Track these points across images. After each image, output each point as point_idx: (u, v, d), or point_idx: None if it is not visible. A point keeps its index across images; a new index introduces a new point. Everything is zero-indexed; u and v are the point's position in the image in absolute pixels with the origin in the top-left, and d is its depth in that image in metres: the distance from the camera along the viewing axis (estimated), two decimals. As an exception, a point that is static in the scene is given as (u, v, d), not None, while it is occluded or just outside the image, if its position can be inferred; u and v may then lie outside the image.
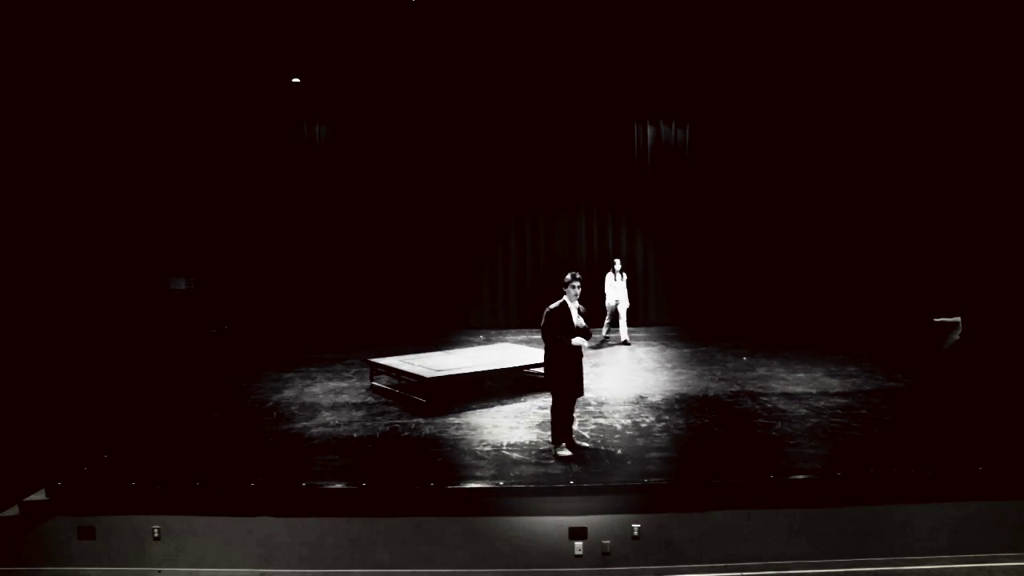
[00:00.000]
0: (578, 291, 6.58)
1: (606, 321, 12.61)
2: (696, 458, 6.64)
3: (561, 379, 6.57)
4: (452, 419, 7.97)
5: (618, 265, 12.52)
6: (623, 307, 12.47)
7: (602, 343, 12.31)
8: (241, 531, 6.06)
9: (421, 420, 7.97)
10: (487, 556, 5.94)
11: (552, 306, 6.58)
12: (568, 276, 6.62)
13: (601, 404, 8.45)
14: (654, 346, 12.48)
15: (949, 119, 13.55)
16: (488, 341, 12.41)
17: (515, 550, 5.92)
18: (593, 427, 7.53)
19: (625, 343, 12.42)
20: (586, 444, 6.88)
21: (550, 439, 7.04)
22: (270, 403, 8.87)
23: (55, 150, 10.92)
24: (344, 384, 9.85)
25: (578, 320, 6.54)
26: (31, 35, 10.11)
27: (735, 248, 14.78)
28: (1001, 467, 6.20)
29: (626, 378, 9.87)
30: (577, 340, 6.48)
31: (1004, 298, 11.79)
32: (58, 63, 10.72)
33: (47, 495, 6.21)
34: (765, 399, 8.63)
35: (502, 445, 7.03)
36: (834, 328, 13.72)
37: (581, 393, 6.76)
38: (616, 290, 12.43)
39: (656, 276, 15.08)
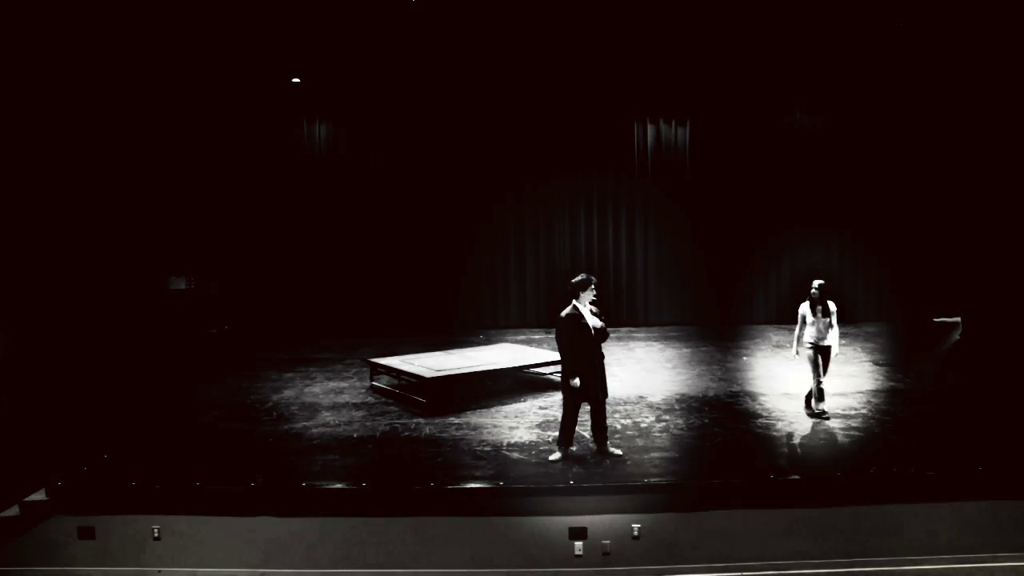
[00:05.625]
0: (593, 295, 6.46)
1: (815, 380, 7.80)
2: (696, 458, 6.64)
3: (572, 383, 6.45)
4: (452, 419, 7.96)
5: (816, 289, 7.78)
6: (834, 352, 7.81)
7: (820, 415, 7.75)
8: (241, 531, 6.06)
9: (421, 420, 7.97)
10: (487, 556, 5.94)
11: (565, 312, 6.48)
12: (583, 278, 6.48)
13: (601, 404, 8.44)
14: (654, 346, 12.48)
15: (950, 119, 13.56)
16: (488, 341, 12.40)
17: (515, 550, 5.92)
18: (593, 427, 7.53)
19: (822, 414, 7.76)
20: (618, 452, 6.68)
21: (551, 439, 7.05)
22: (270, 403, 8.87)
23: (55, 150, 10.91)
24: (344, 384, 9.85)
25: (593, 321, 6.43)
26: (31, 35, 10.10)
27: (736, 247, 14.75)
28: (1001, 467, 6.20)
29: (626, 378, 9.87)
30: (575, 382, 6.38)
31: (1004, 298, 11.80)
32: (57, 63, 10.71)
33: (47, 495, 6.21)
34: (765, 399, 8.63)
35: (502, 445, 7.03)
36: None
37: (588, 396, 6.55)
38: (817, 329, 7.72)
39: (656, 275, 15.07)
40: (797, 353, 7.92)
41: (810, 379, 7.82)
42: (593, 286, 6.49)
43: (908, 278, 14.30)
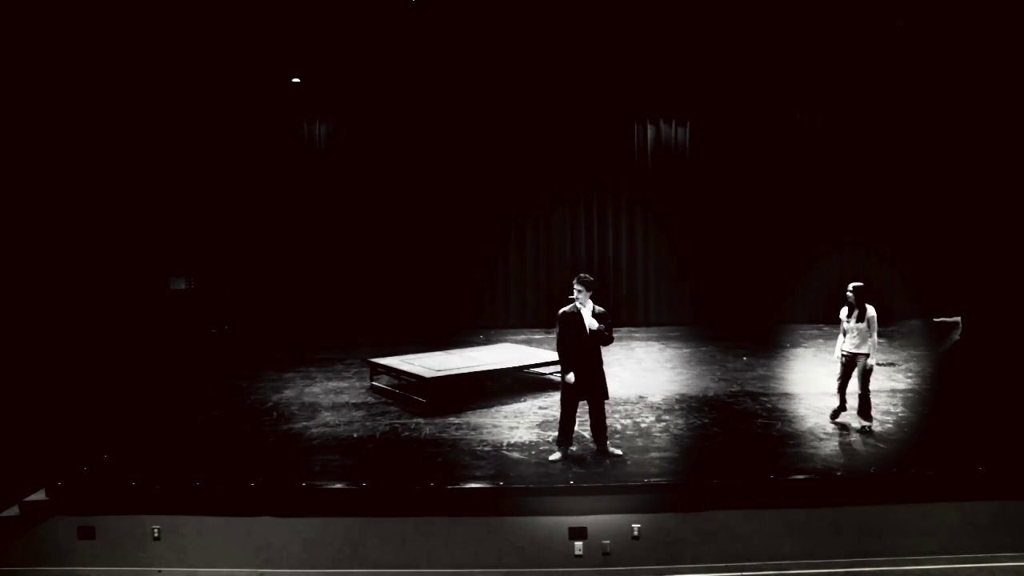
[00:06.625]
0: (580, 296, 6.45)
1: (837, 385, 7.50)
2: (696, 458, 6.63)
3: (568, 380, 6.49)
4: (452, 419, 7.96)
5: (850, 292, 7.40)
6: (867, 362, 7.19)
7: (834, 416, 7.57)
8: (241, 531, 6.06)
9: (421, 420, 7.97)
10: (487, 556, 5.94)
11: (563, 309, 6.53)
12: (574, 280, 6.53)
13: (601, 404, 8.44)
14: (654, 346, 12.48)
15: (948, 119, 13.56)
16: (488, 341, 12.40)
17: (515, 550, 5.92)
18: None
19: (865, 430, 7.20)
20: (618, 452, 6.69)
21: (551, 439, 7.05)
22: (270, 403, 8.87)
23: (55, 151, 10.92)
24: (344, 384, 9.85)
25: (591, 322, 6.43)
26: (32, 35, 10.10)
27: (736, 247, 14.75)
28: (1001, 467, 6.20)
29: (626, 378, 9.87)
30: (569, 377, 6.41)
31: (1004, 298, 11.79)
32: (58, 63, 10.71)
33: (47, 495, 6.21)
34: (765, 399, 8.63)
35: (502, 445, 7.03)
36: (834, 327, 13.70)
37: (587, 396, 6.57)
38: (854, 336, 7.27)
39: (656, 275, 15.06)
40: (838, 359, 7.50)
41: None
42: (579, 284, 6.45)
43: (908, 278, 14.29)
